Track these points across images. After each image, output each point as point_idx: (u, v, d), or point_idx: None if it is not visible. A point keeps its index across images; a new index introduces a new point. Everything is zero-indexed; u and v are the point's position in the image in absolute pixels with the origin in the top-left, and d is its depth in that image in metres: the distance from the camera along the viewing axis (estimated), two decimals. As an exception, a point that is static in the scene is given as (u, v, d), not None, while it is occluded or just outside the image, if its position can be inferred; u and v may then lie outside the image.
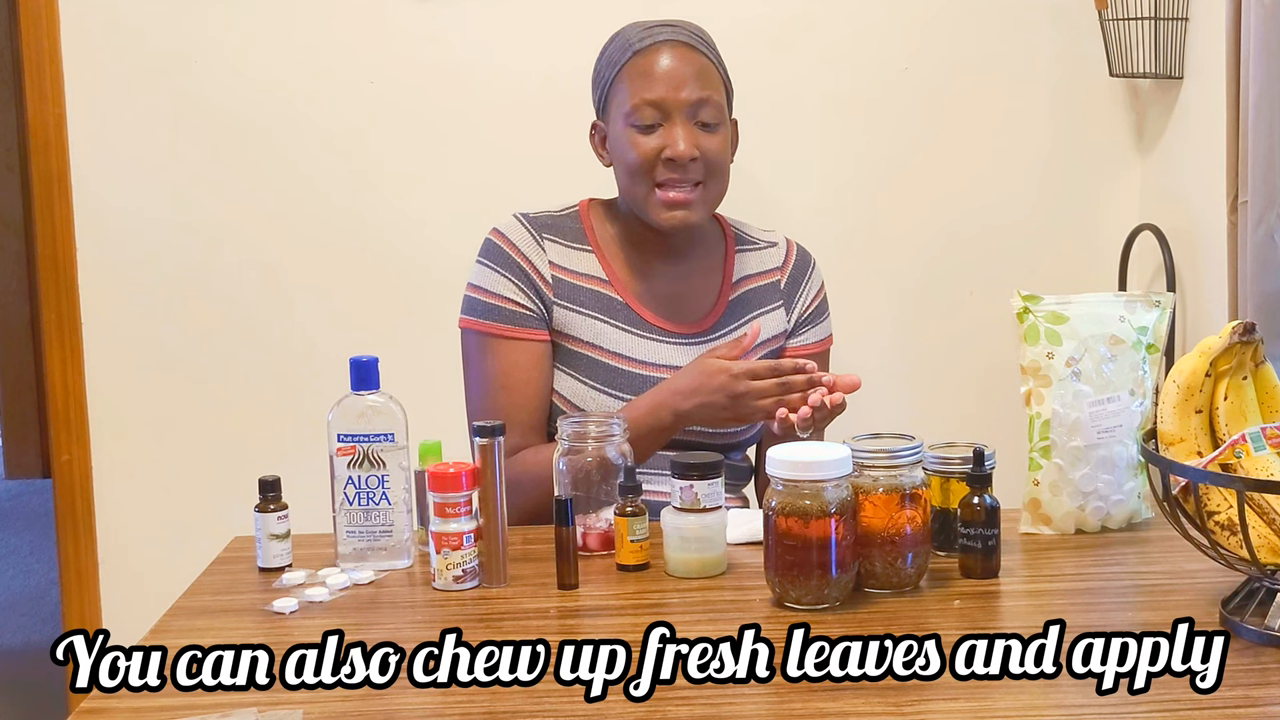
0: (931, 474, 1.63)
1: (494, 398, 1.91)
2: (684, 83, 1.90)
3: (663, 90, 1.89)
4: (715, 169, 1.92)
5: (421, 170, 2.74)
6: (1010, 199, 2.81)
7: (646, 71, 1.91)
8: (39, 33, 2.66)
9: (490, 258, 1.96)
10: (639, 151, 1.90)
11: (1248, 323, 1.48)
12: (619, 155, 1.95)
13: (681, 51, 1.92)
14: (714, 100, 1.91)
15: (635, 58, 1.92)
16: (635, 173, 1.92)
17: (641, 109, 1.90)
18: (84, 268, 2.72)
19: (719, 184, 1.95)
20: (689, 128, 1.90)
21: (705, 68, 1.93)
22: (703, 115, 1.91)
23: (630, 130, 1.91)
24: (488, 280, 1.95)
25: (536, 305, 1.94)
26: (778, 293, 2.04)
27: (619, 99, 1.93)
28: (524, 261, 1.95)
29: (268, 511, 1.68)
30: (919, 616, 1.47)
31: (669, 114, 1.90)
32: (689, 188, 1.91)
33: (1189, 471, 1.41)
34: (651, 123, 1.90)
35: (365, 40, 2.71)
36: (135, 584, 2.76)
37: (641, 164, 1.90)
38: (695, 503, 1.60)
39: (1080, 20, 2.71)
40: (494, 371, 1.93)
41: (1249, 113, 2.12)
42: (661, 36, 1.92)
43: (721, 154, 1.93)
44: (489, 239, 1.98)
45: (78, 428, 2.75)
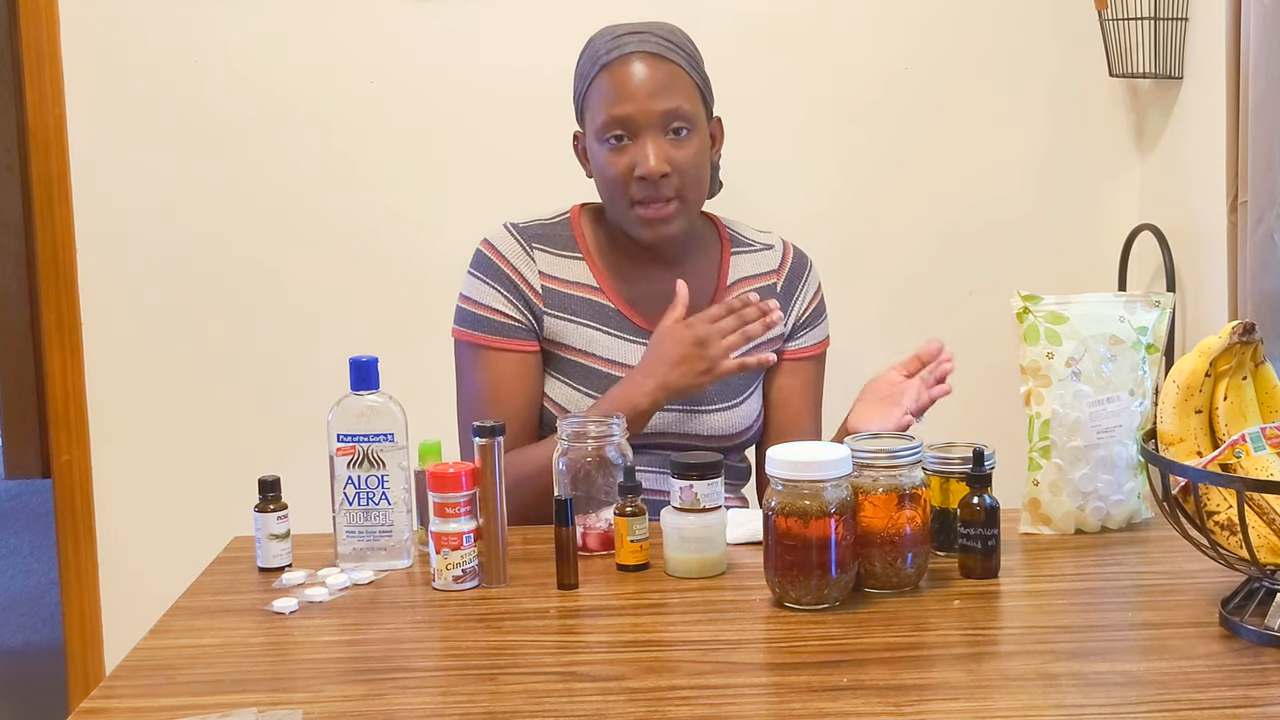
0: (931, 474, 1.63)
1: (481, 409, 1.91)
2: (649, 95, 1.87)
3: (629, 106, 1.87)
4: (690, 179, 1.90)
5: (421, 170, 2.74)
6: (1010, 199, 2.81)
7: (613, 87, 1.88)
8: (39, 33, 2.66)
9: (479, 269, 1.96)
10: (612, 170, 1.89)
11: (1247, 323, 1.48)
12: (596, 170, 1.95)
13: (648, 62, 1.89)
14: (682, 109, 1.89)
15: (602, 72, 1.90)
16: (610, 189, 1.92)
17: (609, 125, 1.88)
18: (84, 268, 2.72)
19: (697, 191, 1.93)
20: (659, 142, 1.87)
21: (673, 74, 1.90)
22: (674, 125, 1.88)
23: (601, 148, 1.90)
24: (477, 291, 1.95)
25: (525, 317, 1.94)
26: (774, 295, 2.03)
27: (591, 114, 1.92)
28: (512, 273, 1.94)
29: (268, 511, 1.68)
30: (919, 617, 1.47)
31: (637, 130, 1.88)
32: (663, 204, 1.89)
33: (1189, 471, 1.41)
34: (621, 139, 1.88)
35: (365, 40, 2.71)
36: (135, 584, 2.76)
37: (615, 180, 1.90)
38: (695, 503, 1.60)
39: (1080, 20, 2.72)
40: (481, 382, 1.94)
41: (1249, 113, 2.12)
42: (628, 48, 1.89)
43: (695, 163, 1.90)
44: (479, 250, 1.98)
45: (78, 428, 2.75)
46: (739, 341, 1.82)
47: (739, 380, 1.97)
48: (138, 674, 1.38)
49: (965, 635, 1.44)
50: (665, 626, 1.48)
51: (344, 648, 1.46)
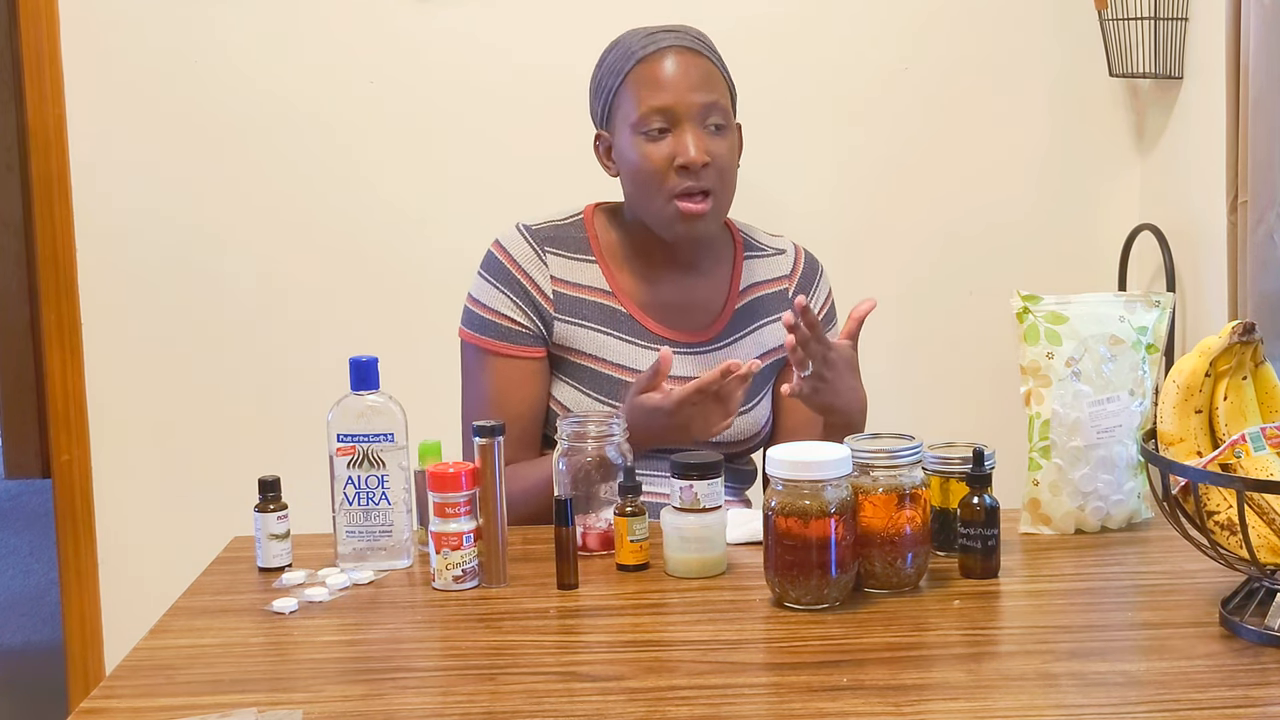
0: (931, 474, 1.63)
1: (485, 413, 1.90)
2: (692, 87, 1.87)
3: (671, 96, 1.87)
4: (725, 175, 1.90)
5: (421, 170, 2.74)
6: (1010, 199, 2.81)
7: (652, 78, 1.88)
8: (39, 33, 2.66)
9: (490, 272, 1.95)
10: (651, 161, 1.87)
11: (1247, 323, 1.48)
12: (627, 165, 1.91)
13: (687, 56, 1.89)
14: (721, 104, 1.89)
15: (639, 65, 1.89)
16: (647, 182, 1.89)
17: (650, 116, 1.87)
18: (84, 268, 2.72)
19: (730, 189, 1.92)
20: (699, 133, 1.87)
21: (711, 72, 1.91)
22: (712, 119, 1.88)
23: (639, 139, 1.88)
24: (486, 295, 1.94)
25: (534, 323, 1.93)
26: (785, 301, 2.02)
27: (625, 108, 1.90)
28: (523, 278, 1.93)
29: (268, 511, 1.68)
30: (919, 617, 1.47)
31: (678, 120, 1.87)
32: (702, 198, 1.87)
33: (1189, 471, 1.41)
34: (661, 129, 1.87)
35: (365, 40, 2.71)
36: (135, 584, 2.76)
37: (654, 173, 1.87)
38: (695, 503, 1.60)
39: (1080, 20, 2.72)
40: (487, 387, 1.93)
41: (1249, 113, 2.12)
42: (665, 42, 1.90)
43: (730, 161, 1.91)
44: (490, 252, 1.97)
45: (78, 428, 2.75)
46: (726, 413, 1.78)
47: (754, 386, 1.96)
48: (138, 674, 1.38)
49: (965, 635, 1.44)
50: (665, 626, 1.48)
51: (344, 648, 1.46)
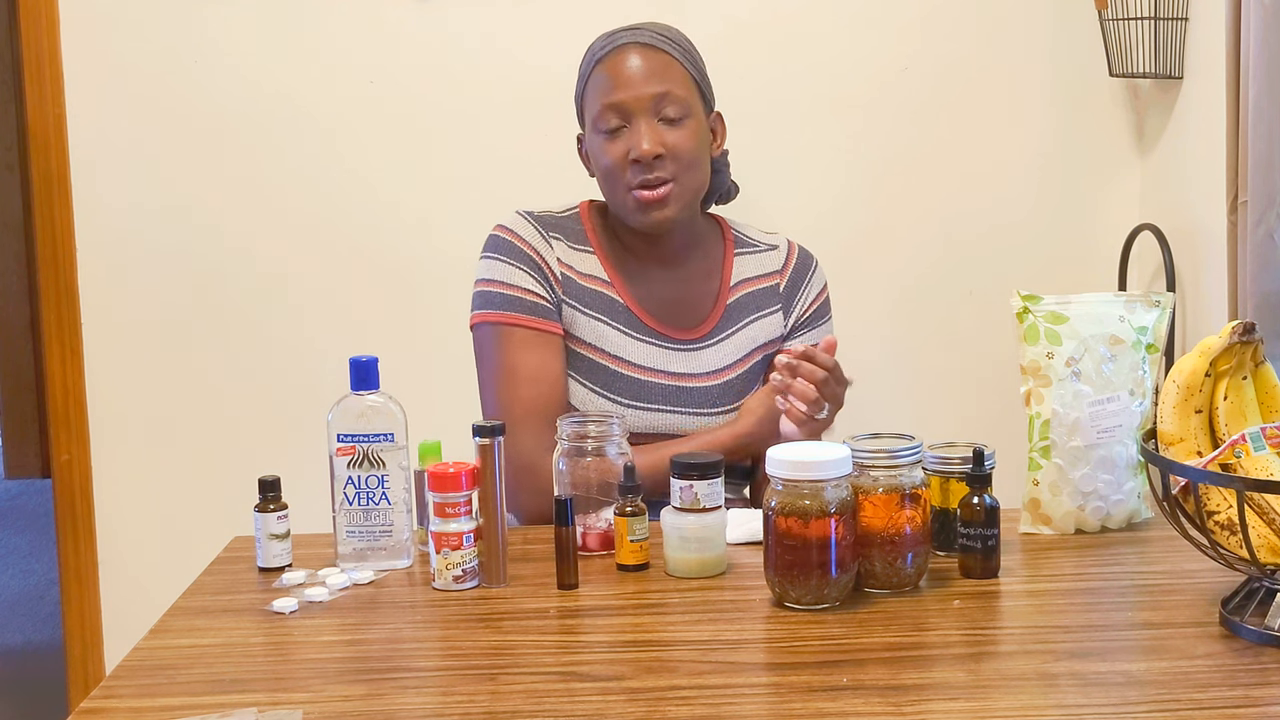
0: (931, 474, 1.63)
1: (516, 390, 1.88)
2: (641, 81, 1.90)
3: (622, 93, 1.90)
4: (685, 162, 1.91)
5: (421, 170, 2.74)
6: (1010, 199, 2.81)
7: (607, 76, 1.91)
8: (39, 33, 2.66)
9: (500, 251, 1.95)
10: (609, 156, 1.91)
11: (1247, 322, 1.48)
12: (595, 164, 1.96)
13: (639, 51, 1.92)
14: (674, 93, 1.90)
15: (597, 65, 1.93)
16: (608, 178, 1.93)
17: (605, 114, 1.91)
18: (84, 268, 2.72)
19: (694, 176, 1.93)
20: (652, 125, 1.89)
21: (665, 63, 1.92)
22: (666, 111, 1.90)
23: (600, 137, 1.92)
24: (501, 273, 1.93)
25: (553, 296, 1.93)
26: (776, 296, 2.03)
27: (589, 108, 1.95)
28: (535, 255, 1.94)
29: (268, 511, 1.68)
30: (919, 617, 1.47)
31: (630, 115, 1.90)
32: (659, 185, 1.89)
33: (1189, 471, 1.41)
34: (616, 126, 1.90)
35: (365, 40, 2.71)
36: (135, 584, 2.76)
37: (612, 168, 1.91)
38: (695, 503, 1.60)
39: (1080, 20, 2.72)
40: (515, 364, 1.90)
41: (1249, 113, 2.12)
42: (621, 40, 1.93)
43: (690, 147, 1.91)
44: (495, 235, 1.97)
45: (78, 428, 2.75)
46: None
47: (744, 382, 1.97)
48: (138, 674, 1.38)
49: (965, 635, 1.44)
50: (665, 626, 1.48)
51: (344, 648, 1.46)
